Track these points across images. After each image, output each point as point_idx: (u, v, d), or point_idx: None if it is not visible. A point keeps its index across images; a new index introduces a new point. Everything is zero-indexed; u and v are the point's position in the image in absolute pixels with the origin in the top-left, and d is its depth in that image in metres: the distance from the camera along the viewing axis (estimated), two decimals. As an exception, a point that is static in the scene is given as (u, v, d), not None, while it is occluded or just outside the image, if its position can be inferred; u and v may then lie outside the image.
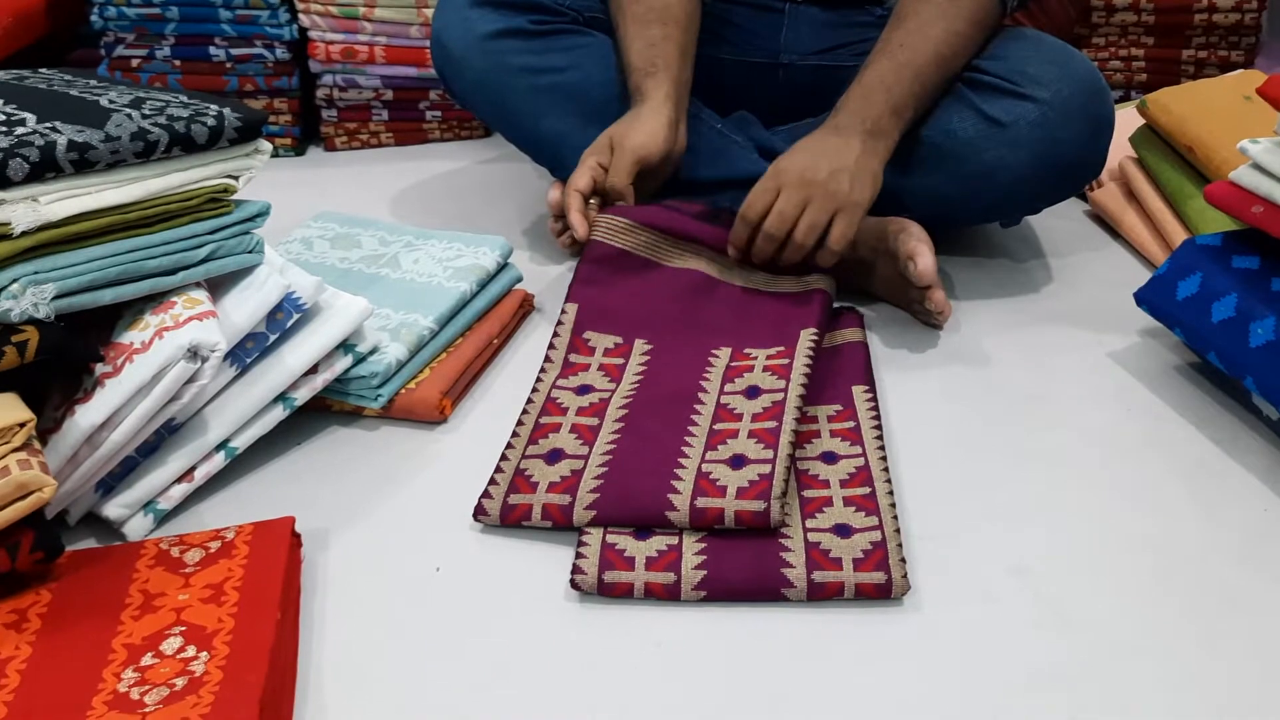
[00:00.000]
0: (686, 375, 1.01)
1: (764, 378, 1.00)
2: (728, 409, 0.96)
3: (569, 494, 0.88)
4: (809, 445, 0.95)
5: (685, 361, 1.03)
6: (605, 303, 1.11)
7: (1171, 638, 0.79)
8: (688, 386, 0.99)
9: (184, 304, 0.88)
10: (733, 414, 0.95)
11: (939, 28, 1.13)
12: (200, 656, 0.72)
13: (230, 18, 1.58)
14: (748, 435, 0.92)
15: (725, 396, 0.98)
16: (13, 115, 0.85)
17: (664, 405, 0.97)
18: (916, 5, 1.15)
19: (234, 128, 0.91)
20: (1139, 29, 1.71)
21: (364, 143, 1.71)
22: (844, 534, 0.85)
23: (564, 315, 1.10)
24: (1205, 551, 0.87)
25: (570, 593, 0.83)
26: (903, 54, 1.12)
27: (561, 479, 0.90)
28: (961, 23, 1.13)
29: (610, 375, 1.03)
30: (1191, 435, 1.01)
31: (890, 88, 1.11)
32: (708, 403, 0.97)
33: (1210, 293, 1.02)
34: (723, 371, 1.01)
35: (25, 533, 0.77)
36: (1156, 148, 1.34)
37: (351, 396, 1.01)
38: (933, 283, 1.10)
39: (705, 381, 1.00)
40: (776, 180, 1.09)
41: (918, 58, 1.12)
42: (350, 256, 1.19)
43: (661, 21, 1.21)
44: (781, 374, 0.99)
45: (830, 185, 1.07)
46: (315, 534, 0.88)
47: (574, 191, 1.15)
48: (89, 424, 0.83)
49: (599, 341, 1.08)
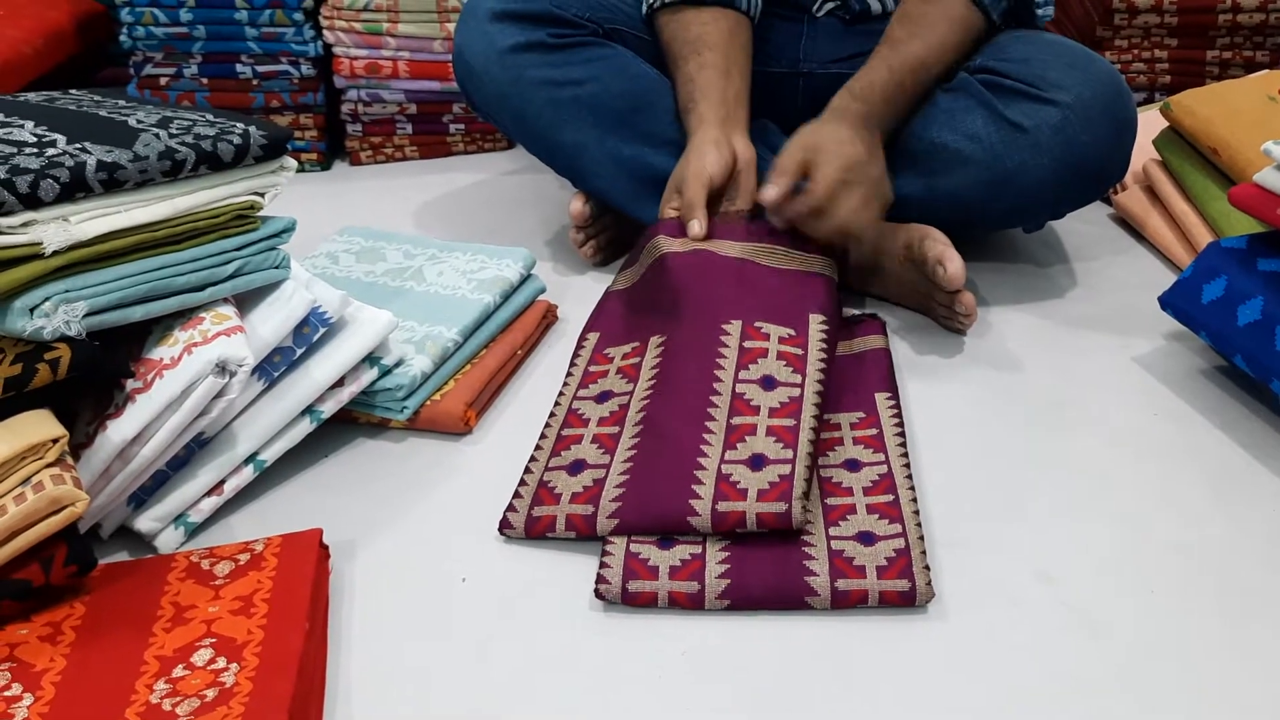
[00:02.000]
0: (701, 360, 0.99)
1: (779, 367, 0.99)
2: (744, 400, 0.95)
3: (591, 504, 0.89)
4: (832, 453, 0.95)
5: (698, 343, 1.01)
6: (623, 322, 1.13)
7: (1199, 643, 0.79)
8: (703, 374, 0.98)
9: (212, 320, 0.90)
10: (750, 406, 0.95)
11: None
12: (230, 668, 0.73)
13: (256, 35, 1.60)
14: (766, 432, 0.92)
15: (740, 385, 0.97)
16: (44, 136, 0.86)
17: (680, 398, 0.96)
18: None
19: (259, 145, 0.92)
20: (1162, 30, 1.70)
21: (389, 156, 1.73)
22: (868, 541, 0.85)
23: (585, 340, 1.13)
24: (1233, 556, 0.86)
25: (595, 602, 0.83)
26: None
27: (584, 489, 0.90)
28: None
29: (627, 376, 1.04)
30: (1218, 439, 1.00)
31: (891, 98, 1.16)
32: (723, 393, 0.96)
33: (1236, 295, 1.01)
34: (736, 354, 1.00)
35: (59, 547, 0.79)
36: (1181, 150, 1.33)
37: (377, 409, 1.02)
38: (962, 285, 1.10)
39: (719, 370, 0.98)
40: (804, 155, 1.12)
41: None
42: (375, 270, 1.20)
43: (696, 53, 1.22)
44: (797, 366, 0.99)
45: (865, 199, 1.11)
46: (343, 545, 0.89)
47: (692, 191, 1.15)
48: (120, 439, 0.85)
49: (617, 351, 1.09)
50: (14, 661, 0.75)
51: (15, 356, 0.81)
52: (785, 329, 1.03)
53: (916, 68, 1.17)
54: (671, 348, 1.03)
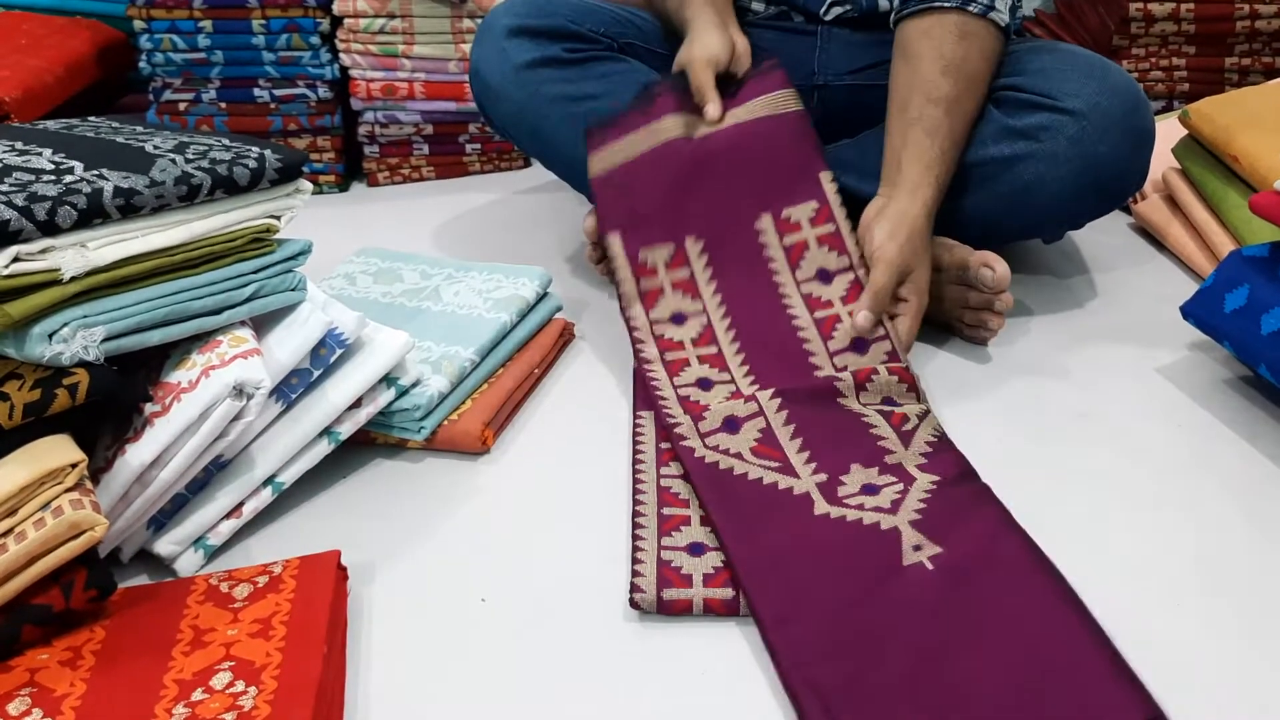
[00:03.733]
0: (763, 292, 1.09)
1: (824, 255, 1.08)
2: (814, 298, 1.07)
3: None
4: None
5: (742, 253, 1.10)
6: (635, 212, 1.15)
7: (1226, 658, 0.77)
8: (773, 311, 1.08)
9: (229, 343, 0.90)
10: (821, 301, 1.07)
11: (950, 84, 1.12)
12: (249, 691, 0.72)
13: (273, 59, 1.62)
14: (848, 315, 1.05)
15: (805, 286, 1.08)
16: (61, 164, 0.87)
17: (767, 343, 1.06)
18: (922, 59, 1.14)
19: (275, 169, 0.93)
20: (1179, 38, 1.69)
21: (406, 177, 1.73)
22: None
23: (610, 241, 1.14)
24: (1259, 569, 0.85)
25: (617, 620, 0.83)
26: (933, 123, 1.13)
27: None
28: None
29: (688, 293, 1.10)
30: (1243, 451, 0.99)
31: (951, 164, 1.14)
32: (799, 312, 1.07)
33: (1259, 304, 1.00)
34: (783, 255, 1.09)
35: (79, 571, 0.79)
36: (1200, 158, 1.32)
37: (395, 429, 1.02)
38: (1008, 286, 1.12)
39: (784, 290, 1.08)
40: (903, 276, 1.08)
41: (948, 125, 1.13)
42: (392, 291, 1.20)
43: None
44: (840, 249, 1.08)
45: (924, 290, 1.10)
46: (361, 566, 0.89)
47: (700, 75, 1.18)
48: (139, 462, 0.85)
49: (656, 257, 1.12)
50: (35, 686, 0.75)
51: (34, 382, 0.81)
52: (809, 205, 1.10)
53: (970, 122, 1.16)
54: (717, 259, 1.11)
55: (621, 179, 1.17)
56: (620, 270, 1.13)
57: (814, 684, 0.73)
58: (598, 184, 1.19)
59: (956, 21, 1.13)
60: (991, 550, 0.84)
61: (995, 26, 1.15)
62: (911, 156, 1.11)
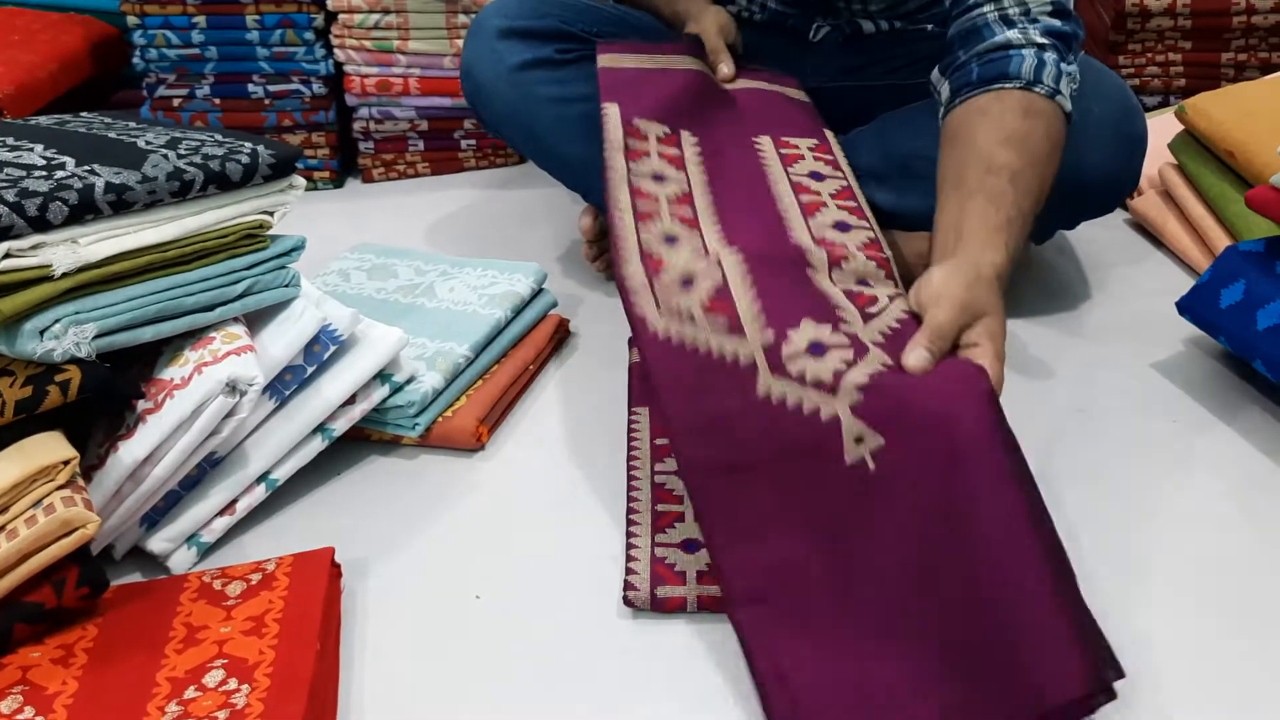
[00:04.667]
0: (751, 174, 1.06)
1: (818, 165, 1.09)
2: (803, 187, 1.04)
3: (709, 259, 0.91)
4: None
5: (738, 156, 1.09)
6: (637, 95, 1.13)
7: (1224, 654, 0.77)
8: (756, 188, 1.04)
9: (222, 339, 0.90)
10: (810, 190, 1.04)
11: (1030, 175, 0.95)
12: (242, 689, 0.72)
13: (267, 55, 1.61)
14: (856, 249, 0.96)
15: (795, 178, 1.06)
16: (53, 159, 0.87)
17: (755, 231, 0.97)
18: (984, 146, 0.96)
19: (268, 165, 0.92)
20: (1176, 33, 1.68)
21: (401, 173, 1.73)
22: None
23: (606, 115, 1.10)
24: (1256, 565, 0.85)
25: (612, 618, 0.82)
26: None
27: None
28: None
29: (674, 164, 1.06)
30: (1239, 445, 0.99)
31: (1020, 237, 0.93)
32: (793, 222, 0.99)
33: (1255, 299, 1.00)
34: (778, 161, 1.09)
35: (71, 569, 0.78)
36: (1196, 153, 1.32)
37: (389, 425, 1.02)
38: None
39: (771, 178, 1.05)
40: (986, 330, 0.84)
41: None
42: (387, 287, 1.20)
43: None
44: (834, 166, 1.09)
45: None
46: (355, 563, 0.88)
47: (714, 39, 1.23)
48: (132, 459, 0.85)
49: (651, 129, 1.10)
50: (26, 684, 0.75)
51: (26, 379, 0.81)
52: (810, 139, 1.13)
53: (1037, 204, 0.95)
54: (709, 149, 1.09)
55: (629, 76, 1.17)
56: (610, 130, 1.07)
57: (760, 628, 0.75)
58: (604, 73, 1.16)
59: (1020, 99, 0.98)
60: (943, 447, 0.73)
61: (1062, 111, 1.00)
62: (974, 224, 0.90)
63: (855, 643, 0.73)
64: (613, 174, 1.02)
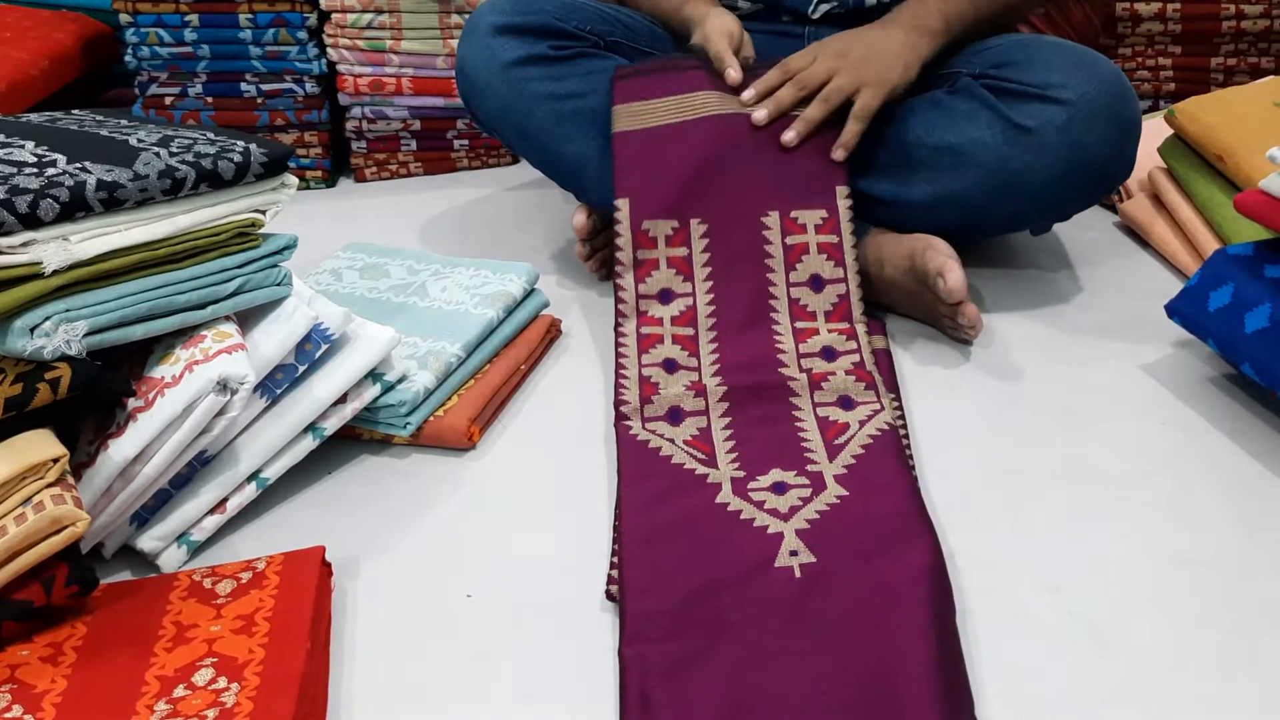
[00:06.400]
0: (752, 265, 1.13)
1: (821, 262, 1.13)
2: (800, 305, 1.12)
3: (698, 395, 1.02)
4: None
5: (743, 243, 1.14)
6: (654, 185, 1.17)
7: (1211, 655, 0.78)
8: (758, 283, 1.13)
9: (213, 337, 0.90)
10: (807, 311, 1.11)
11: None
12: (231, 688, 0.72)
13: (260, 54, 1.61)
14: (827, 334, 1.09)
15: (794, 290, 1.13)
16: (44, 157, 0.86)
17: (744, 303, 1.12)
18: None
19: (260, 163, 0.92)
20: (1166, 38, 1.69)
21: (393, 173, 1.73)
22: None
23: (619, 210, 1.16)
24: (1243, 566, 0.85)
25: (603, 617, 0.83)
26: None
27: (688, 386, 1.03)
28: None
29: (681, 273, 1.13)
30: (1227, 448, 0.99)
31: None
32: (780, 298, 1.12)
33: (1243, 303, 1.01)
34: (781, 253, 1.14)
35: (60, 567, 0.78)
36: (1186, 157, 1.33)
37: (381, 425, 1.02)
38: (964, 298, 1.09)
39: (771, 274, 1.12)
40: (815, 51, 1.19)
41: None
42: (379, 286, 1.20)
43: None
44: (837, 259, 1.13)
45: (860, 63, 1.16)
46: (346, 562, 0.88)
47: (718, 43, 1.23)
48: (122, 457, 0.85)
49: (658, 230, 1.15)
50: (15, 683, 0.75)
51: (16, 376, 0.81)
52: (818, 212, 1.15)
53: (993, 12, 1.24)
54: (717, 245, 1.14)
55: (644, 144, 1.19)
56: (622, 236, 1.14)
57: (642, 661, 0.75)
58: (620, 141, 1.19)
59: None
60: (867, 573, 0.81)
61: None
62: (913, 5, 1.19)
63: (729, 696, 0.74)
64: (625, 296, 1.13)
